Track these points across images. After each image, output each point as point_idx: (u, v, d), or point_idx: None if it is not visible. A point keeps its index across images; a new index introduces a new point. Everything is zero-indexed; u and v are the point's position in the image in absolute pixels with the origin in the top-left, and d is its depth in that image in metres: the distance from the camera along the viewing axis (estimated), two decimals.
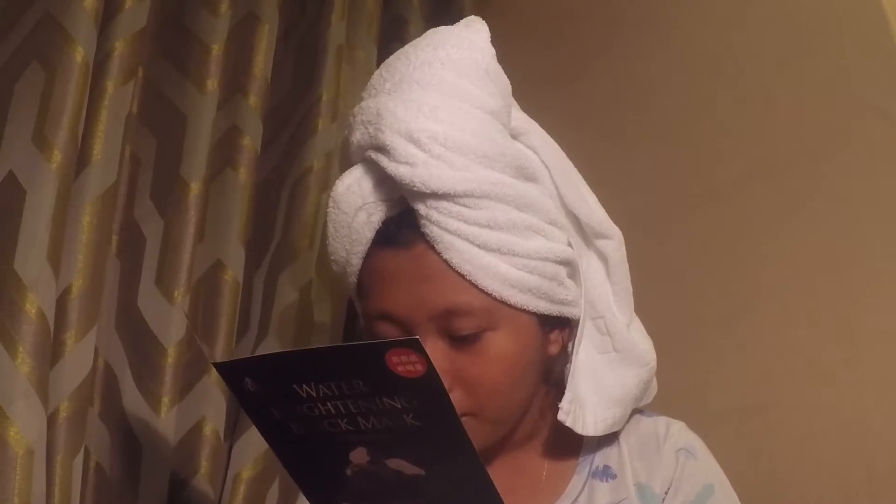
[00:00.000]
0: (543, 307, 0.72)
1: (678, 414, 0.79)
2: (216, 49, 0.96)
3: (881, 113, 0.86)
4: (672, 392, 0.83)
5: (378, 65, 1.15)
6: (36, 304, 0.74)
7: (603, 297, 0.79)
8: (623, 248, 0.79)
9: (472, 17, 0.80)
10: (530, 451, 0.77)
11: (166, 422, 0.86)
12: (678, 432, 0.77)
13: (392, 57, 0.77)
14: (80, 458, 0.80)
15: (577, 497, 0.75)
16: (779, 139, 0.95)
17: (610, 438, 0.77)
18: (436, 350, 0.69)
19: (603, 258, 0.80)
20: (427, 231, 0.69)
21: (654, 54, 1.08)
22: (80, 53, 0.79)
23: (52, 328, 0.76)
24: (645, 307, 0.81)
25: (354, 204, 0.73)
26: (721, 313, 0.98)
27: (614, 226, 0.79)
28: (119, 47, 0.85)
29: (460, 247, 0.69)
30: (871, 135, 0.87)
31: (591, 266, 0.79)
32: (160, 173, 0.92)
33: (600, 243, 0.79)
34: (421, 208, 0.70)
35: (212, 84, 0.95)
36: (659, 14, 1.09)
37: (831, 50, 0.92)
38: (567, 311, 0.74)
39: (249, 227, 0.97)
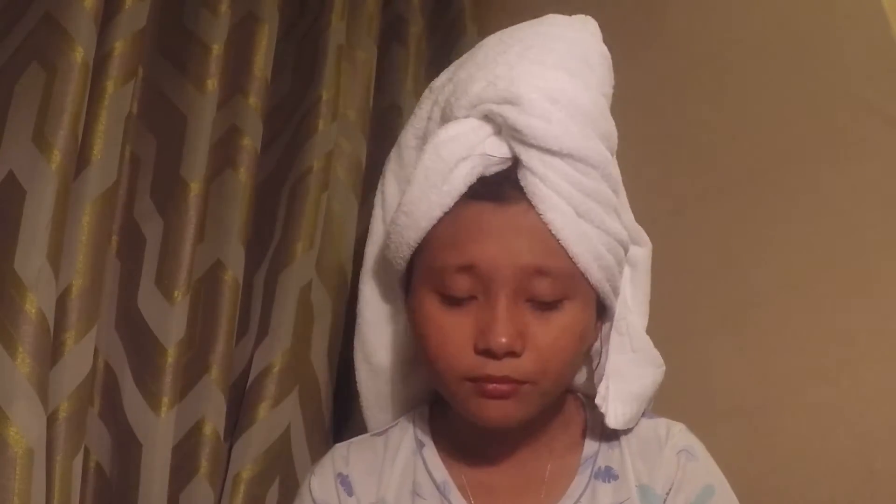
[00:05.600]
0: (605, 290, 0.74)
1: (679, 413, 0.79)
2: (216, 49, 0.96)
3: (881, 113, 0.86)
4: (672, 391, 0.83)
5: (378, 65, 1.17)
6: (36, 304, 0.74)
7: (625, 300, 0.81)
8: (650, 258, 0.83)
9: (586, 17, 0.83)
10: (534, 450, 0.78)
11: (166, 422, 0.86)
12: (679, 434, 0.78)
13: (508, 29, 0.80)
14: (80, 458, 0.80)
15: (580, 498, 0.75)
16: (778, 139, 0.95)
17: (611, 439, 0.78)
18: (517, 310, 0.70)
19: (632, 264, 0.83)
20: (536, 190, 0.70)
21: (654, 55, 1.08)
22: (80, 53, 0.79)
23: (52, 328, 0.76)
24: None
25: (458, 153, 0.73)
26: (721, 313, 0.98)
27: (646, 235, 0.83)
28: (119, 47, 0.85)
29: (564, 210, 0.70)
30: (871, 135, 0.87)
31: None
32: (160, 173, 0.92)
33: (633, 249, 0.82)
34: (537, 166, 0.71)
35: (212, 84, 0.95)
36: (657, 16, 1.09)
37: (831, 50, 0.92)
38: (612, 302, 0.76)
39: (249, 227, 0.97)
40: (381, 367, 0.85)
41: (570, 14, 0.81)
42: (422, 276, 0.74)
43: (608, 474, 0.77)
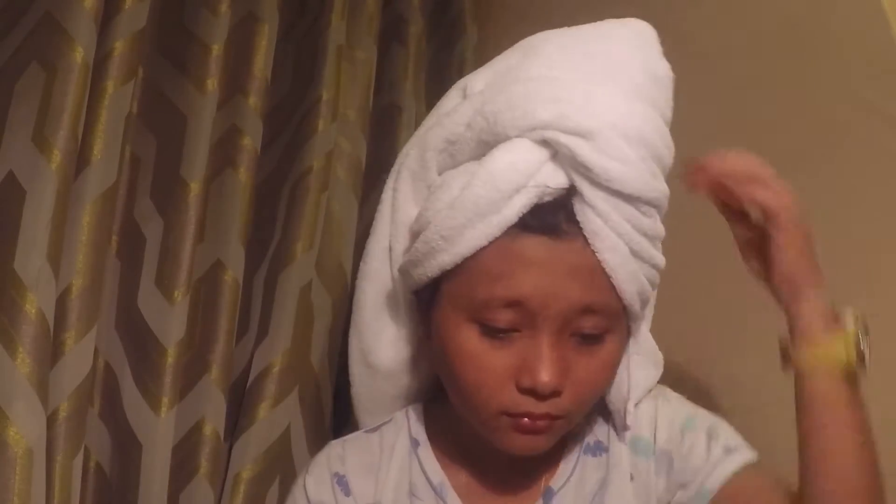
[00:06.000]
0: (639, 316, 0.74)
1: None
2: (216, 49, 0.96)
3: (881, 113, 0.86)
4: (673, 391, 0.83)
5: (378, 65, 1.16)
6: (36, 304, 0.74)
7: None
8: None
9: (643, 22, 0.77)
10: None
11: (166, 422, 0.86)
12: (654, 389, 0.80)
13: (568, 34, 0.75)
14: (79, 458, 0.80)
15: (570, 476, 0.77)
16: (777, 139, 0.95)
17: (600, 414, 0.79)
18: (561, 346, 0.69)
19: None
20: (596, 229, 0.68)
21: None
22: (80, 53, 0.79)
23: (51, 328, 0.76)
24: None
25: (516, 183, 0.68)
26: (720, 313, 0.98)
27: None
28: (119, 47, 0.85)
29: (621, 250, 0.69)
30: (871, 135, 0.87)
31: None
32: (160, 173, 0.92)
33: None
34: (601, 205, 0.68)
35: (212, 84, 0.95)
36: (657, 16, 1.09)
37: (831, 50, 0.92)
38: (639, 323, 0.76)
39: (249, 227, 0.97)
40: (379, 368, 0.83)
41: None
42: (456, 302, 0.71)
43: (598, 448, 0.78)
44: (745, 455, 0.75)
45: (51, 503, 0.75)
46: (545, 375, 0.67)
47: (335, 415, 1.02)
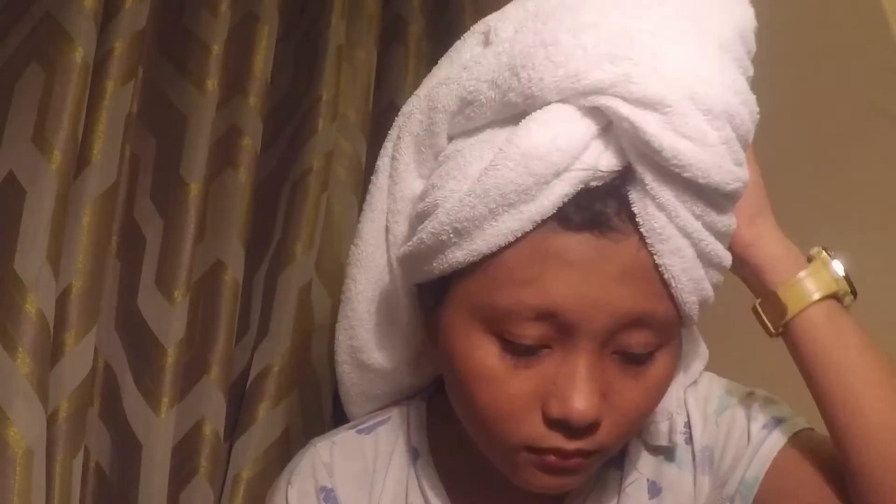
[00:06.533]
0: (694, 322, 0.60)
1: None
2: (216, 49, 0.96)
3: (882, 112, 0.86)
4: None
5: (378, 65, 1.16)
6: (36, 304, 0.74)
7: None
8: None
9: None
10: None
11: (166, 422, 0.86)
12: (705, 387, 0.69)
13: None
14: (80, 458, 0.80)
15: (590, 490, 0.67)
16: (777, 139, 0.95)
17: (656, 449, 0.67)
18: (602, 367, 0.55)
19: None
20: (656, 224, 0.53)
21: None
22: (80, 53, 0.79)
23: (51, 328, 0.76)
24: None
25: (556, 165, 0.52)
26: (720, 313, 0.98)
27: None
28: (119, 47, 0.85)
29: (687, 253, 0.54)
30: (871, 134, 0.87)
31: None
32: (160, 173, 0.92)
33: None
34: (665, 196, 0.53)
35: (212, 84, 0.95)
36: None
37: (831, 50, 0.92)
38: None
39: (249, 227, 0.97)
40: (372, 368, 0.71)
41: None
42: (472, 309, 0.57)
43: (654, 489, 0.66)
44: (792, 425, 0.64)
45: (51, 503, 0.75)
46: (581, 404, 0.54)
47: (335, 415, 1.02)
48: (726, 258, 0.58)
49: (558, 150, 0.53)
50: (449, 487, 0.67)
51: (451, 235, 0.55)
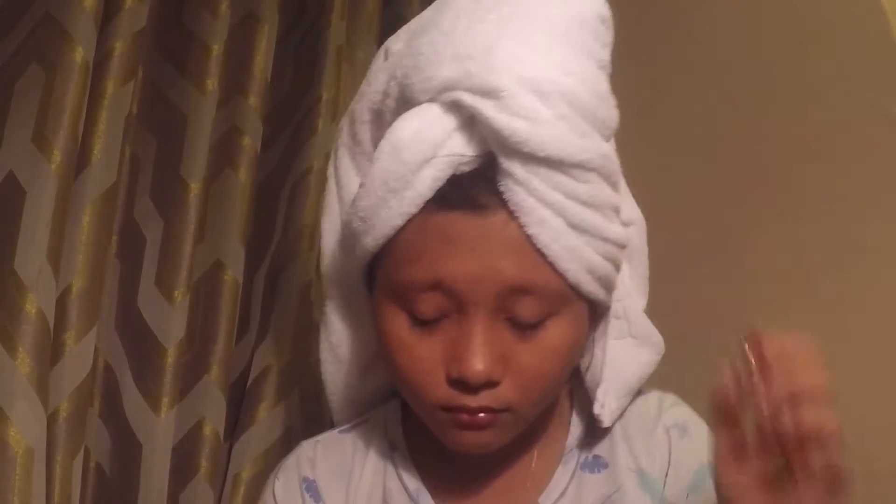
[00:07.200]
0: (602, 296, 0.65)
1: None
2: (216, 49, 0.96)
3: (881, 113, 0.86)
4: (672, 392, 0.83)
5: None
6: (36, 304, 0.74)
7: (623, 281, 0.73)
8: (645, 233, 0.76)
9: None
10: (517, 445, 0.70)
11: (166, 422, 0.86)
12: (670, 408, 0.72)
13: None
14: (80, 458, 0.80)
15: (564, 491, 0.70)
16: (777, 139, 0.95)
17: (597, 427, 0.71)
18: (496, 331, 0.61)
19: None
20: (517, 199, 0.60)
21: (653, 55, 1.08)
22: (80, 53, 0.79)
23: (51, 328, 0.76)
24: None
25: (423, 154, 0.61)
26: (719, 313, 0.98)
27: (638, 210, 0.75)
28: (119, 47, 0.85)
29: (553, 223, 0.60)
30: (871, 135, 0.87)
31: None
32: (160, 173, 0.92)
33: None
34: (518, 172, 0.60)
35: (212, 84, 0.95)
36: (656, 15, 1.09)
37: (831, 50, 0.92)
38: (607, 302, 0.68)
39: (249, 227, 0.97)
40: (348, 362, 0.77)
41: None
42: (385, 288, 0.65)
43: (596, 464, 0.70)
44: None
45: (51, 503, 0.75)
46: (475, 363, 0.60)
47: None
48: (610, 231, 0.64)
49: (422, 140, 0.61)
50: (423, 472, 0.72)
51: (360, 224, 0.64)
